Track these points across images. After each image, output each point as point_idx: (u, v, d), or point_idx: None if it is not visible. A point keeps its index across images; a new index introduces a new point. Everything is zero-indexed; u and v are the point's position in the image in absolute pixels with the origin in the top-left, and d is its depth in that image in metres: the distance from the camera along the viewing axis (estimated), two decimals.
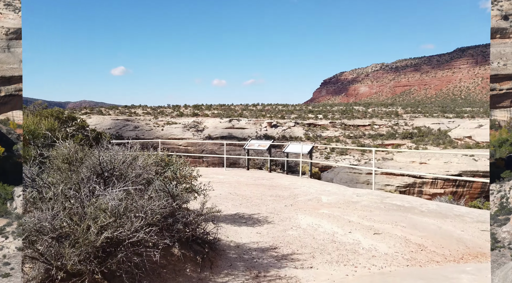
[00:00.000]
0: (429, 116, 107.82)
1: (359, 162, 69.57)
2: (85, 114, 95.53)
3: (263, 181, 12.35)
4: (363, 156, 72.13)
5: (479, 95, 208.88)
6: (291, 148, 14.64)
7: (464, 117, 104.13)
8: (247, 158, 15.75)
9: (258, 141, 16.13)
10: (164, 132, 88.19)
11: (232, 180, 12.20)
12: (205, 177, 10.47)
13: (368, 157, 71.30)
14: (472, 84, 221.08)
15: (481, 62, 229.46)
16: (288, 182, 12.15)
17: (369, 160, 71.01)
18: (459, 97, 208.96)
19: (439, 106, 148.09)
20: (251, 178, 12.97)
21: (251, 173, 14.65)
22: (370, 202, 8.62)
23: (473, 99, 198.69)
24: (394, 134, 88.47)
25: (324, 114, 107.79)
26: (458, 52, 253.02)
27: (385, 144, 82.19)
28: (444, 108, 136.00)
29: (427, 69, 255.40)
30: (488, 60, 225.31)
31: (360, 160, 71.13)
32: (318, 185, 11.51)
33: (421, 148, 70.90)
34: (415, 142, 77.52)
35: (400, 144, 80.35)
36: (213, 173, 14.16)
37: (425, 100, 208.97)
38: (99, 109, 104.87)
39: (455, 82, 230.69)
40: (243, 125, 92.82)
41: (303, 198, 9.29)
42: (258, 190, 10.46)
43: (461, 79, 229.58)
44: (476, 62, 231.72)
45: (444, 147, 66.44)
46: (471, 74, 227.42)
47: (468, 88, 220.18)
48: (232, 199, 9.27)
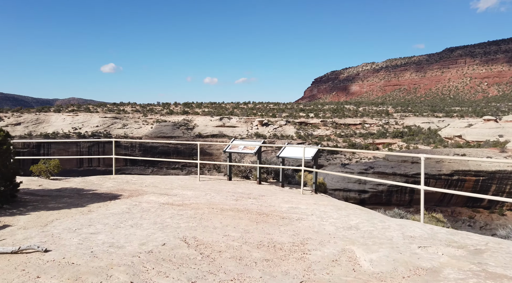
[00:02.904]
0: (419, 115, 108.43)
1: (350, 161, 69.30)
2: (72, 112, 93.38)
3: (249, 201, 7.81)
4: (354, 155, 71.90)
5: (467, 94, 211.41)
6: (289, 151, 10.62)
7: (454, 117, 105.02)
8: (229, 165, 11.59)
9: (243, 142, 12.06)
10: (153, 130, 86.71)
11: (201, 200, 7.74)
12: (164, 195, 8.19)
13: (359, 156, 71.11)
14: (461, 84, 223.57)
15: (470, 62, 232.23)
16: (286, 203, 7.70)
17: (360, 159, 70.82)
18: (448, 97, 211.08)
19: (428, 105, 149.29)
20: (231, 195, 8.53)
21: (233, 186, 10.19)
22: (458, 267, 4.14)
23: (462, 98, 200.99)
24: (385, 133, 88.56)
25: (316, 112, 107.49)
26: (447, 52, 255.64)
27: (376, 143, 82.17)
28: (434, 107, 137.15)
29: (416, 69, 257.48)
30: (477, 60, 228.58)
31: (351, 159, 70.86)
32: (334, 211, 6.99)
33: (412, 147, 70.98)
34: (406, 141, 77.62)
35: (391, 143, 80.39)
36: (180, 187, 9.66)
37: (414, 99, 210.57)
38: (86, 107, 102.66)
39: (444, 82, 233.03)
40: (234, 124, 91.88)
41: (319, 254, 4.63)
42: (238, 227, 5.68)
43: (450, 78, 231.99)
44: (465, 62, 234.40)
45: (434, 146, 66.54)
46: (459, 74, 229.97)
47: (457, 88, 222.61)
48: (176, 268, 4.07)
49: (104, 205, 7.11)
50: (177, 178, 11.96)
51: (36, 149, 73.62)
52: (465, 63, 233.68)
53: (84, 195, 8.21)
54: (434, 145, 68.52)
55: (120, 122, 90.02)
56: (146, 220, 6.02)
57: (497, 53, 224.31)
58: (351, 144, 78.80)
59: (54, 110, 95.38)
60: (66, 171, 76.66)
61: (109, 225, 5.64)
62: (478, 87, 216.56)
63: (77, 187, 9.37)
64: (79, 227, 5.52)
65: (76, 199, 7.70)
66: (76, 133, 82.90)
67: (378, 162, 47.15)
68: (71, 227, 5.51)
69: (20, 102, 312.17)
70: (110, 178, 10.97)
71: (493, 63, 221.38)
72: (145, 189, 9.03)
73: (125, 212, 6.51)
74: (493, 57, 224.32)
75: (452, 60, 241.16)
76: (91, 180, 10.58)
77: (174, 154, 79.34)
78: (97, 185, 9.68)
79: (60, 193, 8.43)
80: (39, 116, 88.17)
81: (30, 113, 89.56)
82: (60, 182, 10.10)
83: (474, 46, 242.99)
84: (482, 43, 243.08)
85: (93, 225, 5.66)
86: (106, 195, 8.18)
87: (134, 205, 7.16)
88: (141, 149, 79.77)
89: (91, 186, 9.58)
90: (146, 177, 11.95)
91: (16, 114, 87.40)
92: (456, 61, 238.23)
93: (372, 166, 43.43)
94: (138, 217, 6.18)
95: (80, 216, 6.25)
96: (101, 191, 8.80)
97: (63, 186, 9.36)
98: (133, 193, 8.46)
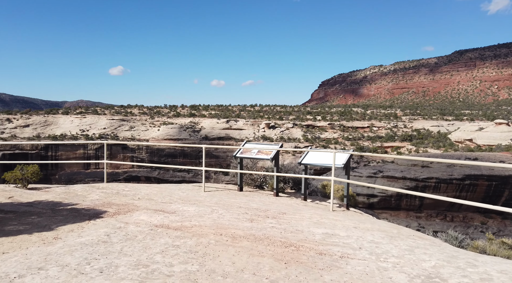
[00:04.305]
0: (428, 118, 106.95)
1: (358, 164, 68.39)
2: (80, 114, 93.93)
3: (268, 222, 6.11)
4: (362, 159, 71.00)
5: (477, 98, 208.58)
6: (313, 157, 8.99)
7: (464, 120, 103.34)
8: (239, 173, 9.83)
9: (257, 145, 10.20)
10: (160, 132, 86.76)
11: (206, 221, 6.09)
12: (159, 212, 6.61)
13: (367, 159, 70.14)
14: (471, 87, 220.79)
15: (480, 65, 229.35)
16: (318, 227, 5.95)
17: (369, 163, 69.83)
18: (458, 100, 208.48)
19: (438, 108, 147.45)
20: (244, 212, 6.88)
21: (245, 199, 8.45)
22: None
23: (472, 102, 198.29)
24: (393, 136, 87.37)
25: (323, 115, 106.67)
26: (457, 54, 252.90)
27: (385, 146, 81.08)
28: (443, 110, 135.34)
29: (425, 72, 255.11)
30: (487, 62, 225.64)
31: (359, 162, 69.94)
32: (388, 242, 5.26)
33: (422, 150, 69.82)
34: (415, 145, 76.42)
35: (399, 146, 79.25)
36: (181, 200, 7.98)
37: (423, 102, 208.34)
38: (94, 109, 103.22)
39: (454, 85, 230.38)
40: (240, 126, 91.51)
41: None
42: (259, 273, 3.93)
43: (460, 81, 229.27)
44: (474, 65, 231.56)
45: (445, 150, 65.34)
46: (469, 76, 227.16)
47: (467, 91, 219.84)
48: None
49: (79, 228, 5.53)
50: (178, 188, 10.08)
51: (44, 151, 74.11)
52: (475, 66, 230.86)
53: (59, 212, 6.65)
54: (444, 149, 67.29)
55: (127, 124, 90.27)
56: (127, 257, 4.29)
57: (508, 56, 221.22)
58: (359, 147, 77.84)
59: (62, 112, 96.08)
60: (72, 173, 76.70)
61: (67, 269, 3.90)
62: (488, 90, 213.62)
63: (55, 200, 7.73)
64: (22, 273, 3.79)
65: (46, 218, 6.15)
66: (83, 135, 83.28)
67: (387, 165, 46.28)
68: (9, 273, 3.81)
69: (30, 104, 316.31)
70: (99, 188, 9.34)
71: (503, 66, 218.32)
72: (137, 203, 7.48)
73: (102, 242, 4.84)
74: (503, 60, 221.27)
75: (461, 62, 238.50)
76: (75, 191, 8.93)
77: (181, 156, 79.23)
78: (80, 197, 8.07)
79: (31, 208, 6.94)
80: (47, 118, 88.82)
81: (39, 115, 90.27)
82: (37, 193, 8.53)
83: (484, 49, 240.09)
84: (492, 45, 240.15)
85: (45, 267, 3.95)
86: (86, 212, 6.64)
87: (117, 228, 5.52)
88: (147, 151, 79.80)
89: (72, 198, 7.96)
90: (141, 186, 10.12)
91: (25, 116, 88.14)
92: (465, 63, 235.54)
93: (381, 169, 42.61)
94: (117, 252, 4.48)
95: (38, 248, 4.63)
96: (83, 205, 7.22)
97: (37, 199, 7.83)
98: (121, 209, 6.88)
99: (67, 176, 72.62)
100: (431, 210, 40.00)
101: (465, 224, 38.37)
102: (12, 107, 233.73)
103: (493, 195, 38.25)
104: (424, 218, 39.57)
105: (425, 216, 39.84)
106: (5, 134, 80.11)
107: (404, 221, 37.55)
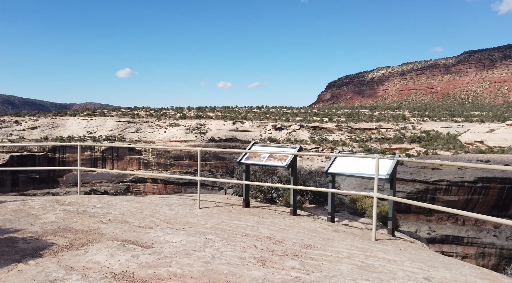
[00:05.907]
0: (437, 120, 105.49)
1: None
2: (87, 116, 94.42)
3: (288, 266, 4.13)
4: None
5: (487, 99, 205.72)
6: (344, 165, 6.94)
7: (474, 121, 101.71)
8: (245, 185, 7.74)
9: (268, 148, 8.34)
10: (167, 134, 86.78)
11: (195, 265, 4.04)
12: (128, 246, 4.60)
13: None
14: (480, 88, 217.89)
15: (489, 65, 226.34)
16: (366, 275, 3.99)
17: None
18: (467, 101, 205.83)
19: (446, 110, 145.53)
20: (251, 245, 4.87)
21: (253, 221, 6.56)
22: None
23: (481, 103, 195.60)
24: (401, 138, 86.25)
25: (330, 117, 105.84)
26: (465, 55, 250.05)
27: (393, 148, 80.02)
28: (452, 112, 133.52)
29: (433, 73, 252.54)
30: (496, 63, 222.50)
31: None
32: None
33: (431, 152, 68.69)
34: (424, 146, 75.27)
35: (408, 148, 78.16)
36: (165, 222, 6.07)
37: (432, 103, 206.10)
38: (101, 111, 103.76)
39: (462, 86, 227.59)
40: (247, 128, 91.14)
41: None
42: None
43: (469, 82, 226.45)
44: (484, 65, 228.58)
45: (455, 152, 64.18)
46: (478, 78, 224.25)
47: (476, 92, 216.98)
48: None
49: None
50: (166, 203, 7.89)
51: (52, 152, 74.51)
52: (484, 67, 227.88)
53: None
54: (454, 151, 66.11)
55: (134, 126, 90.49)
56: None
57: None
58: (367, 149, 76.93)
59: (69, 114, 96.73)
60: (77, 175, 77.68)
61: None
62: (498, 91, 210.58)
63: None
64: None
65: None
66: (90, 137, 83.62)
67: None
68: None
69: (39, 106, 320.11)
70: (63, 204, 7.31)
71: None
72: (103, 229, 5.49)
73: None
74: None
75: (470, 63, 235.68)
76: (30, 208, 6.86)
77: (187, 158, 79.12)
78: (31, 218, 6.07)
79: None
80: (55, 120, 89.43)
81: (47, 117, 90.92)
82: None
83: (493, 49, 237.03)
84: (502, 46, 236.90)
85: None
86: (23, 246, 4.61)
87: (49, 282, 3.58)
88: (154, 153, 79.82)
89: (19, 220, 5.95)
90: (119, 201, 7.93)
91: (33, 118, 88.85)
92: (475, 64, 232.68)
93: None
94: None
95: None
96: (26, 233, 5.20)
97: None
98: (76, 240, 4.90)
99: (74, 178, 72.83)
100: (442, 214, 39.11)
101: (477, 228, 37.43)
102: (22, 109, 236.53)
103: (506, 198, 37.24)
104: (434, 222, 38.71)
105: (435, 219, 38.96)
106: (13, 136, 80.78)
107: (415, 224, 36.76)
